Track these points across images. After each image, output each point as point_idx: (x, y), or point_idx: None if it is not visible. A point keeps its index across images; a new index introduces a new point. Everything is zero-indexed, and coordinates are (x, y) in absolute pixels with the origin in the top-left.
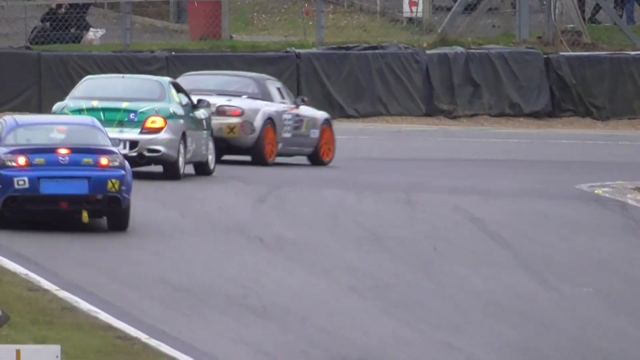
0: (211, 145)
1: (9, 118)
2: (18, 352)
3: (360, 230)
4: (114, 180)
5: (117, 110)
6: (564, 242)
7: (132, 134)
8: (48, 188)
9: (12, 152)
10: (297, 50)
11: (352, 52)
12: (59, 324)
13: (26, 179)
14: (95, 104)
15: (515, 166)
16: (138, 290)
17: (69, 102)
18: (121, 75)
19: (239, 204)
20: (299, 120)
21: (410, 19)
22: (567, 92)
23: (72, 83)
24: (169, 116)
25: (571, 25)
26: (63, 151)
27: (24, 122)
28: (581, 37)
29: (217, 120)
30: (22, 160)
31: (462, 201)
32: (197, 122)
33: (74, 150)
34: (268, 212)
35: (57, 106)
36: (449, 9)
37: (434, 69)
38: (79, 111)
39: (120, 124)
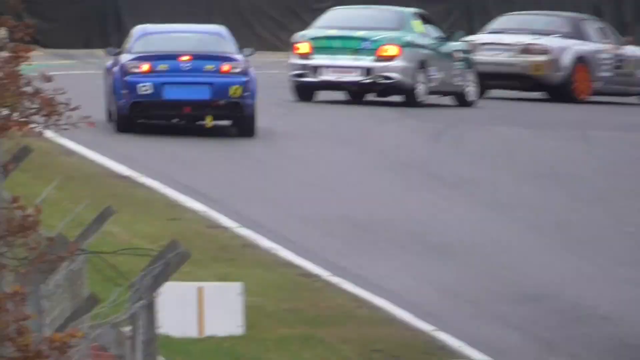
0: (471, 76)
1: (141, 26)
2: (201, 289)
3: (537, 167)
4: (235, 87)
5: (353, 38)
6: None
7: (366, 61)
8: (171, 93)
9: (136, 59)
10: None
11: None
12: (240, 261)
13: (149, 84)
14: (333, 32)
15: None
16: (318, 226)
17: (310, 30)
18: (365, 5)
19: (415, 141)
20: (620, 59)
21: None
22: None
23: None
24: (405, 44)
25: None
26: (185, 58)
27: (151, 31)
28: None
29: (523, 58)
30: (145, 66)
31: (637, 137)
32: (446, 53)
33: (196, 57)
34: (445, 150)
35: (299, 35)
36: None
37: (605, 7)
38: (316, 39)
39: (355, 51)
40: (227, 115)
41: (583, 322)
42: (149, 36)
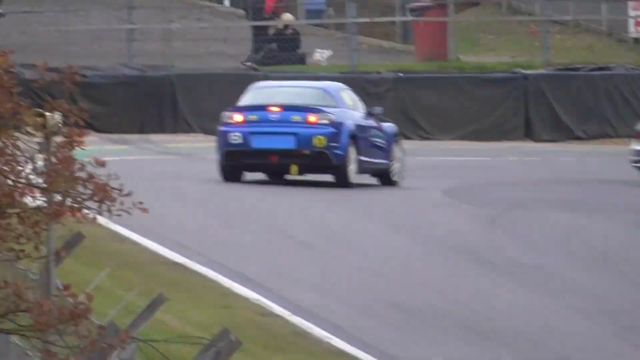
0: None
1: (259, 82)
2: None
3: (591, 252)
4: (320, 137)
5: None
6: None
7: None
8: (259, 143)
9: (231, 110)
10: (524, 71)
11: (579, 73)
12: (291, 350)
13: (240, 134)
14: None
15: None
16: (370, 314)
17: None
18: None
19: (468, 226)
20: None
21: (636, 40)
22: None
23: None
24: None
25: None
26: (274, 109)
27: (263, 85)
28: None
29: None
30: (238, 117)
31: None
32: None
33: (285, 108)
34: (499, 235)
35: None
36: None
37: None
38: None
39: None
40: (312, 166)
41: None
42: (258, 90)
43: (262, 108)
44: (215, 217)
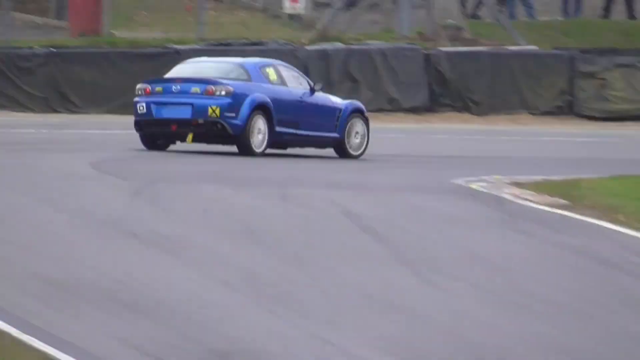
0: None
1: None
2: None
3: (235, 224)
4: (214, 107)
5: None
6: (438, 236)
7: None
8: (159, 113)
9: (142, 82)
10: (176, 47)
11: (232, 48)
12: None
13: (144, 104)
14: None
15: (391, 161)
16: (9, 284)
17: None
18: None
19: (113, 198)
20: None
21: (290, 16)
22: (446, 87)
23: None
24: None
25: (451, 21)
26: (178, 82)
27: (189, 61)
28: (462, 33)
29: None
30: (145, 89)
31: (337, 195)
32: None
33: (186, 80)
34: (143, 207)
35: None
36: (329, 5)
37: (313, 65)
38: None
39: None
40: (208, 134)
41: None
42: (184, 65)
43: (168, 81)
44: None
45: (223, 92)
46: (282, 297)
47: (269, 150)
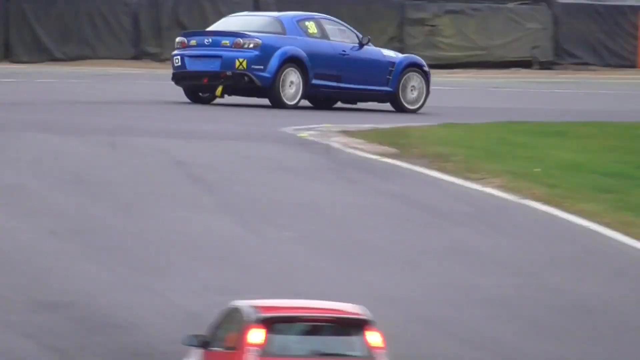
0: None
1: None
2: None
3: (65, 174)
4: (241, 59)
5: None
6: (267, 185)
7: None
8: (192, 65)
9: (181, 35)
10: None
11: None
12: None
13: (179, 57)
14: None
15: (219, 110)
16: None
17: None
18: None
19: None
20: None
21: None
22: None
23: None
24: None
25: None
26: (210, 35)
27: (232, 15)
28: None
29: None
30: (182, 42)
31: (166, 144)
32: None
33: (217, 34)
34: None
35: None
36: None
37: (143, 12)
38: None
39: None
40: (236, 87)
41: (98, 331)
42: (226, 19)
43: (202, 34)
44: None
45: (251, 45)
46: (111, 247)
47: (302, 103)
